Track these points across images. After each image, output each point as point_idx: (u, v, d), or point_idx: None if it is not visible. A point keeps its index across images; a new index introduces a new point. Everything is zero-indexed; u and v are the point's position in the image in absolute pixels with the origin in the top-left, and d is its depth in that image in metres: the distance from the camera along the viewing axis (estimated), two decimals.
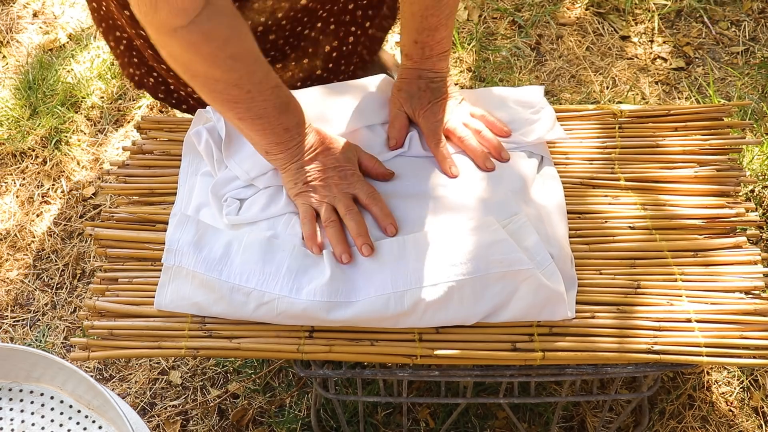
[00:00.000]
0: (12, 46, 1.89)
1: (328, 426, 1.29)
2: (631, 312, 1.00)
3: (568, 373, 1.01)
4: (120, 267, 1.09)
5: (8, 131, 1.71)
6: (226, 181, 1.10)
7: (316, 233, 1.01)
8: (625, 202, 1.12)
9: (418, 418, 1.30)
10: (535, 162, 1.12)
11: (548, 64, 1.77)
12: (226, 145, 1.11)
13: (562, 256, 1.01)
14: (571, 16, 1.85)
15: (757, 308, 1.00)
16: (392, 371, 1.03)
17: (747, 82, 1.71)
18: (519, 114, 1.17)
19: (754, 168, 1.54)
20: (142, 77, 1.36)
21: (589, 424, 1.28)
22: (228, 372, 1.37)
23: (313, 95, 1.16)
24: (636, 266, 1.06)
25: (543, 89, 1.21)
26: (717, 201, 1.11)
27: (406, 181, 1.09)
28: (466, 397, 1.12)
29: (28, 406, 0.91)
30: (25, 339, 1.42)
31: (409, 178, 1.09)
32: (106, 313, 1.04)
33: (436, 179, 1.08)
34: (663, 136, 1.18)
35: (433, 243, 1.00)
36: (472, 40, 1.79)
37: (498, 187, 1.07)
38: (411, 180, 1.09)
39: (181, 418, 1.33)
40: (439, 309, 0.97)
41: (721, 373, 1.33)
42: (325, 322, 0.98)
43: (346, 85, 1.19)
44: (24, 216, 1.58)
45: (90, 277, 1.50)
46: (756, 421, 1.28)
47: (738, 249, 1.06)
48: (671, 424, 1.28)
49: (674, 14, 1.85)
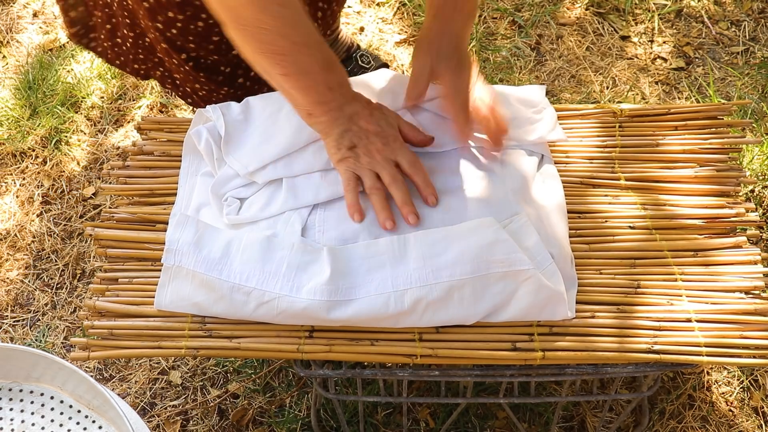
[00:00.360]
0: (12, 46, 1.89)
1: (328, 426, 1.29)
2: (631, 312, 1.00)
3: (568, 373, 1.01)
4: (120, 267, 1.09)
5: (8, 131, 1.71)
6: (225, 180, 1.10)
7: (358, 200, 1.02)
8: (625, 202, 1.12)
9: (418, 418, 1.30)
10: (535, 160, 1.12)
11: (548, 64, 1.77)
12: (225, 142, 1.11)
13: (562, 255, 1.02)
14: (571, 16, 1.85)
15: (757, 308, 1.00)
16: (392, 371, 1.03)
17: (747, 82, 1.71)
18: (521, 112, 1.17)
19: (754, 168, 1.54)
20: (148, 71, 1.36)
21: (589, 424, 1.28)
22: (228, 372, 1.37)
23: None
24: (636, 266, 1.06)
25: (544, 89, 1.21)
26: (717, 201, 1.11)
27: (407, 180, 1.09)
28: (466, 397, 1.12)
29: (28, 406, 0.91)
30: (25, 339, 1.42)
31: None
32: (106, 313, 1.04)
33: (436, 178, 1.08)
34: (663, 135, 1.18)
35: (433, 242, 1.00)
36: (472, 40, 1.79)
37: (498, 186, 1.07)
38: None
39: (181, 418, 1.33)
40: (439, 308, 0.97)
41: (721, 373, 1.33)
42: (326, 321, 0.98)
43: (356, 81, 1.19)
44: (24, 216, 1.58)
45: (90, 277, 1.50)
46: (756, 421, 1.28)
47: (738, 249, 1.06)
48: (671, 424, 1.28)
49: (674, 14, 1.85)
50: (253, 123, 1.14)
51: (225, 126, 1.12)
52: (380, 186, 1.03)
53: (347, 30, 1.85)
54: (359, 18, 1.88)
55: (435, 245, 0.99)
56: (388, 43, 1.82)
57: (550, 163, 1.14)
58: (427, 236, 1.00)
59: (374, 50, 1.80)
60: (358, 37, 1.84)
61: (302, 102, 1.01)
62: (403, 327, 0.99)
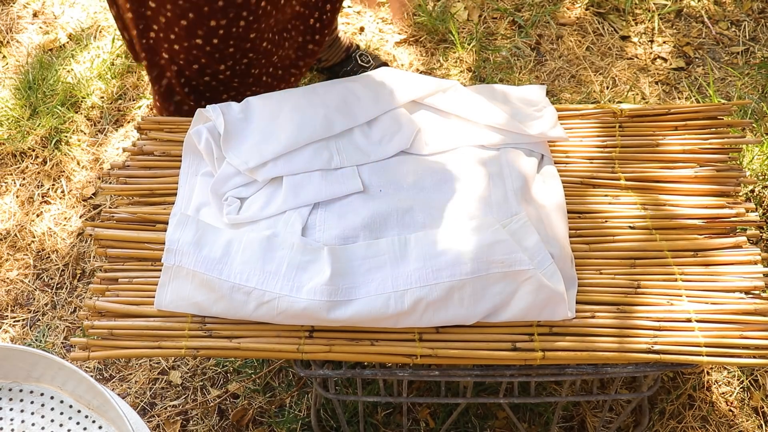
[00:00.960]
0: (12, 46, 1.89)
1: (328, 426, 1.29)
2: (631, 312, 1.00)
3: (568, 373, 1.01)
4: (120, 267, 1.09)
5: (8, 131, 1.71)
6: (225, 178, 1.10)
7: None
8: (626, 202, 1.12)
9: (418, 418, 1.30)
10: (534, 161, 1.12)
11: (548, 64, 1.76)
12: (224, 140, 1.11)
13: (562, 255, 1.02)
14: (571, 16, 1.85)
15: (757, 308, 1.00)
16: (392, 371, 1.03)
17: (747, 82, 1.71)
18: (522, 110, 1.17)
19: (754, 168, 1.54)
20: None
21: (589, 424, 1.28)
22: (228, 372, 1.37)
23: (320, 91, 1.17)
24: (636, 266, 1.05)
25: (545, 88, 1.22)
26: (717, 201, 1.11)
27: (408, 178, 1.09)
28: (466, 397, 1.12)
29: (28, 406, 0.91)
30: (25, 339, 1.42)
31: (410, 175, 1.10)
32: (106, 313, 1.04)
33: (437, 177, 1.08)
34: (663, 135, 1.18)
35: (434, 242, 1.00)
36: (472, 40, 1.79)
37: (498, 186, 1.07)
38: (412, 177, 1.09)
39: (181, 418, 1.33)
40: (439, 309, 0.97)
41: (721, 373, 1.33)
42: (326, 321, 0.98)
43: (357, 80, 1.20)
44: (24, 216, 1.58)
45: (90, 277, 1.50)
46: (756, 421, 1.28)
47: (738, 249, 1.06)
48: (671, 424, 1.28)
49: (674, 14, 1.85)
50: (254, 122, 1.14)
51: (225, 124, 1.12)
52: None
53: (347, 30, 1.86)
54: (359, 18, 1.88)
55: (435, 245, 0.99)
56: (388, 43, 1.82)
57: (551, 164, 1.14)
58: (428, 236, 1.00)
59: (374, 50, 1.80)
60: (358, 37, 1.84)
61: None
62: (403, 327, 0.99)
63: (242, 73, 1.31)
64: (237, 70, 1.30)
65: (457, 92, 1.18)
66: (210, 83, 1.31)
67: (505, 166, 1.10)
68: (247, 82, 1.33)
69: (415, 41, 1.82)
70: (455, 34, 1.79)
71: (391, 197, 1.06)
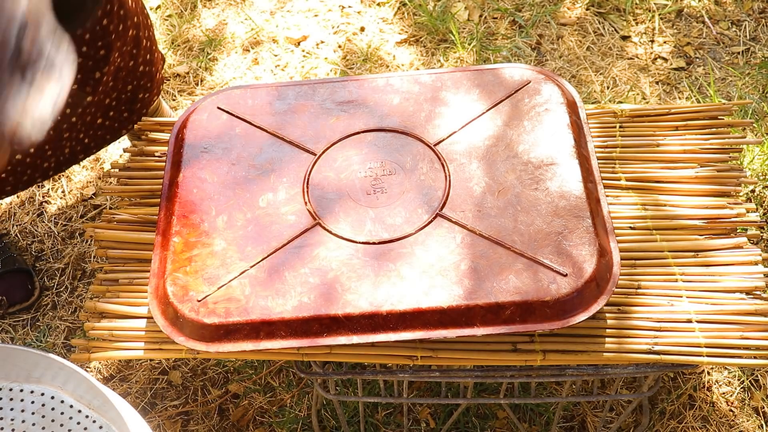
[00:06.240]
0: None
1: (328, 426, 1.29)
2: (631, 312, 1.00)
3: (569, 374, 1.01)
4: (120, 268, 1.09)
5: None
6: None
7: None
8: (626, 202, 1.12)
9: (418, 419, 1.30)
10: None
11: (549, 64, 1.76)
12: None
13: None
14: (572, 16, 1.85)
15: (757, 309, 1.00)
16: (393, 372, 1.03)
17: (747, 82, 1.71)
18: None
19: (755, 168, 1.54)
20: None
21: (590, 424, 1.28)
22: (228, 372, 1.37)
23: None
24: (636, 266, 1.05)
25: None
26: (717, 201, 1.11)
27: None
28: (466, 398, 1.12)
29: (29, 406, 0.91)
30: (26, 339, 1.42)
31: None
32: (107, 314, 1.04)
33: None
34: (663, 135, 1.18)
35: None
36: (473, 40, 1.79)
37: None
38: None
39: (181, 418, 1.33)
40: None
41: (722, 373, 1.33)
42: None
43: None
44: (24, 216, 1.58)
45: (90, 277, 1.50)
46: (756, 422, 1.28)
47: (738, 249, 1.06)
48: (672, 424, 1.28)
49: (675, 14, 1.85)
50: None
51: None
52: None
53: (347, 30, 1.85)
54: (359, 18, 1.88)
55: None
56: (389, 43, 1.82)
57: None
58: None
59: (374, 50, 1.80)
60: (358, 37, 1.84)
61: None
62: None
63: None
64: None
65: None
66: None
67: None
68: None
69: (416, 41, 1.82)
70: (456, 34, 1.79)
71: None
